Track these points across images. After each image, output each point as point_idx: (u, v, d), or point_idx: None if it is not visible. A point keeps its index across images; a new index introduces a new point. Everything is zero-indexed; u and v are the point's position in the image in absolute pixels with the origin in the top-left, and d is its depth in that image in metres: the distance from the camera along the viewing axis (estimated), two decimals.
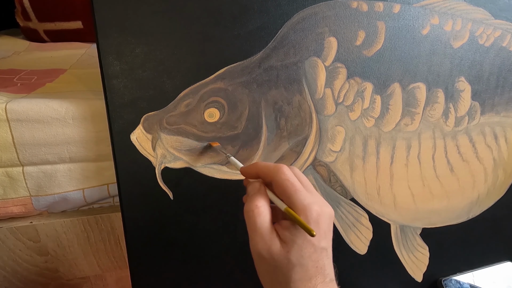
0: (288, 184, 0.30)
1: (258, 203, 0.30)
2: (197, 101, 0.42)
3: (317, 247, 0.29)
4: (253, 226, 0.30)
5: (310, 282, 0.29)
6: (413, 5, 0.48)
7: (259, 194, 0.31)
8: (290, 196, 0.29)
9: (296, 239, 0.29)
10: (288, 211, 0.29)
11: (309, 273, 0.29)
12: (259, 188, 0.32)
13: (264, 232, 0.29)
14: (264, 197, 0.31)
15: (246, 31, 0.42)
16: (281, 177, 0.30)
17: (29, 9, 0.80)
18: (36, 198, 0.46)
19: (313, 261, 0.29)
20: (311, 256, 0.29)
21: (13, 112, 0.41)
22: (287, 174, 0.31)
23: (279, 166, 0.31)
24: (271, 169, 0.31)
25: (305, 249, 0.29)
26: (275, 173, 0.31)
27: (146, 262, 0.45)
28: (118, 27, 0.39)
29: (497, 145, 0.56)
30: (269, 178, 0.31)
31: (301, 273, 0.29)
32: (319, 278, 0.30)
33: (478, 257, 0.59)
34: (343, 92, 0.47)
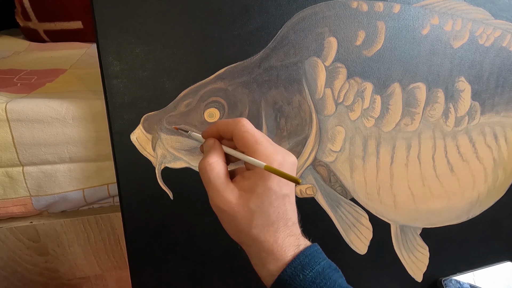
0: (248, 136, 0.30)
1: (210, 159, 0.30)
2: (197, 101, 0.42)
3: (279, 194, 0.30)
4: (208, 181, 0.30)
5: (272, 226, 0.30)
6: (413, 5, 0.48)
7: (212, 150, 0.32)
8: (251, 147, 0.30)
9: (256, 188, 0.29)
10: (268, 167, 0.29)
11: (270, 218, 0.30)
12: (212, 144, 0.32)
13: (219, 185, 0.30)
14: (218, 152, 0.31)
15: (246, 31, 0.42)
16: (240, 129, 0.31)
17: (29, 9, 0.80)
18: (36, 198, 0.46)
19: (275, 207, 0.30)
20: (272, 202, 0.29)
21: (13, 112, 0.41)
22: (246, 126, 0.31)
23: (238, 119, 0.31)
24: (230, 123, 0.32)
25: (266, 197, 0.29)
26: (234, 126, 0.31)
27: (146, 262, 0.45)
28: (118, 27, 0.39)
29: (497, 145, 0.56)
30: (229, 133, 0.32)
31: (262, 219, 0.29)
32: (281, 222, 0.30)
33: (478, 257, 0.59)
34: (343, 92, 0.47)
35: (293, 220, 0.32)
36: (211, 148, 0.32)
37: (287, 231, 0.31)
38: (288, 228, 0.31)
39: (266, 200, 0.29)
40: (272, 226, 0.30)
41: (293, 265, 0.29)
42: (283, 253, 0.30)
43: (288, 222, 0.31)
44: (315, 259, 0.30)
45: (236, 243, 0.47)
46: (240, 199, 0.30)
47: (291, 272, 0.29)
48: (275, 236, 0.30)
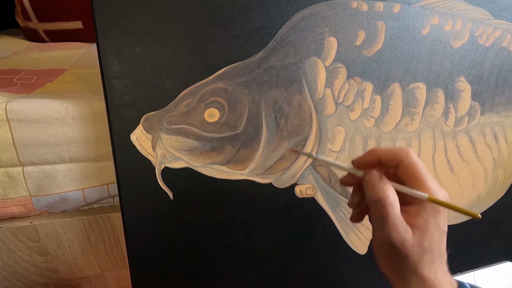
0: (419, 167, 0.29)
1: (389, 192, 0.29)
2: (197, 101, 0.42)
3: (442, 231, 0.30)
4: (385, 216, 0.29)
5: (434, 263, 0.30)
6: (413, 5, 0.48)
7: (384, 183, 0.30)
8: (422, 180, 0.29)
9: (429, 226, 0.29)
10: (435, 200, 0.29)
11: (434, 255, 0.30)
12: (380, 176, 0.31)
13: (398, 222, 0.29)
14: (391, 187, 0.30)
15: (246, 31, 0.42)
16: (412, 160, 0.30)
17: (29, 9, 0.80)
18: (36, 198, 0.46)
19: (438, 245, 0.30)
20: (439, 240, 0.30)
21: (13, 112, 0.41)
22: (416, 157, 0.30)
23: (405, 148, 0.31)
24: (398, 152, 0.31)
25: (435, 235, 0.30)
26: (404, 155, 0.30)
27: (146, 262, 0.45)
28: (118, 27, 0.39)
29: (497, 145, 0.56)
30: (396, 161, 0.30)
31: (429, 257, 0.30)
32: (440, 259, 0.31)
33: (478, 257, 0.59)
34: (343, 92, 0.47)
35: (445, 257, 0.32)
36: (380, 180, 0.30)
37: (443, 267, 0.31)
38: (443, 265, 0.31)
39: (435, 239, 0.30)
40: (434, 263, 0.30)
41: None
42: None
43: (443, 259, 0.31)
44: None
45: (236, 243, 0.47)
46: (414, 237, 0.29)
47: None
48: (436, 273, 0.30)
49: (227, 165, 0.44)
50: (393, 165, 0.31)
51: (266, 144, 0.45)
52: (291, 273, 0.50)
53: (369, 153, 0.32)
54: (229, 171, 0.44)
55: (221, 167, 0.44)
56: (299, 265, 0.50)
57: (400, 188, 0.30)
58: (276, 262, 0.49)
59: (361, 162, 0.32)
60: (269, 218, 0.47)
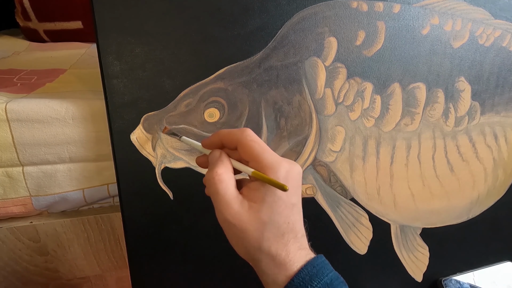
0: (255, 145, 0.30)
1: (218, 170, 0.30)
2: (197, 101, 0.42)
3: (288, 203, 0.29)
4: (215, 193, 0.29)
5: (282, 238, 0.29)
6: (413, 5, 0.48)
7: (219, 161, 0.31)
8: (257, 156, 0.29)
9: (266, 197, 0.28)
10: (256, 173, 0.29)
11: (281, 229, 0.29)
12: (219, 156, 0.31)
13: (229, 198, 0.29)
14: (225, 164, 0.30)
15: (246, 31, 0.42)
16: (246, 138, 0.30)
17: (29, 9, 0.80)
18: (36, 198, 0.46)
19: (284, 217, 0.29)
20: (282, 212, 0.29)
21: (13, 112, 0.41)
22: (252, 135, 0.30)
23: (243, 129, 0.31)
24: (235, 132, 0.31)
25: (276, 206, 0.29)
26: (240, 135, 0.30)
27: (146, 262, 0.45)
28: (118, 27, 0.39)
29: (497, 145, 0.56)
30: (234, 142, 0.31)
31: (273, 230, 0.28)
32: (292, 233, 0.29)
33: (478, 257, 0.59)
34: (343, 92, 0.47)
35: (302, 232, 0.31)
36: (217, 159, 0.31)
37: (297, 244, 0.30)
38: (298, 240, 0.30)
39: (276, 210, 0.29)
40: (283, 238, 0.29)
41: (301, 276, 0.28)
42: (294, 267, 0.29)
43: (297, 234, 0.30)
44: (323, 270, 0.29)
45: None
46: (250, 210, 0.29)
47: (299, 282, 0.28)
48: (286, 249, 0.29)
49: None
50: (233, 146, 0.31)
51: None
52: None
53: (214, 135, 0.33)
54: None
55: None
56: None
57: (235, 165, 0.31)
58: None
59: (208, 143, 0.33)
60: None
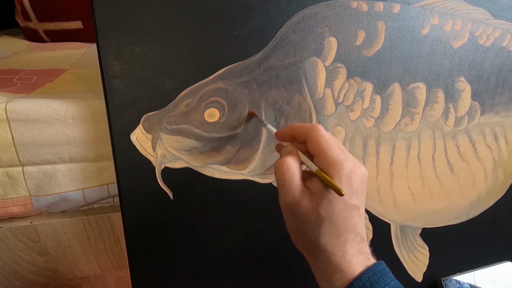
0: (322, 140, 0.30)
1: (289, 159, 0.30)
2: (197, 101, 0.42)
3: (348, 203, 0.29)
4: (282, 180, 0.29)
5: (340, 238, 0.28)
6: (413, 5, 0.48)
7: (290, 153, 0.31)
8: (323, 151, 0.29)
9: (327, 194, 0.28)
10: (318, 171, 0.29)
11: (339, 228, 0.28)
12: (291, 150, 0.32)
13: (293, 186, 0.29)
14: (295, 156, 0.31)
15: (246, 31, 0.42)
16: (316, 133, 0.30)
17: (29, 9, 0.80)
18: (36, 198, 0.46)
19: (343, 217, 0.28)
20: (341, 211, 0.28)
21: (13, 112, 0.41)
22: (321, 131, 0.31)
23: (315, 124, 0.32)
24: (307, 126, 0.32)
25: (335, 204, 0.28)
26: (310, 129, 0.31)
27: (146, 262, 0.45)
28: (118, 27, 0.39)
29: (497, 145, 0.56)
30: (304, 135, 0.31)
31: (331, 227, 0.28)
32: (350, 235, 0.29)
33: (478, 257, 0.59)
34: (343, 92, 0.47)
35: (362, 236, 0.30)
36: (289, 152, 0.32)
37: (356, 247, 0.29)
38: (357, 243, 0.29)
39: (335, 208, 0.28)
40: (341, 238, 0.28)
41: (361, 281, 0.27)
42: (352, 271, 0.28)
43: (357, 237, 0.29)
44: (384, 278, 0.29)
45: (236, 243, 0.47)
46: (310, 202, 0.28)
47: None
48: (344, 250, 0.28)
49: (227, 165, 0.44)
50: (303, 140, 0.32)
51: (266, 144, 0.45)
52: (291, 273, 0.50)
53: (287, 127, 0.34)
54: (229, 171, 0.44)
55: (221, 167, 0.44)
56: (299, 265, 0.50)
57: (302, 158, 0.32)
58: (276, 262, 0.49)
59: (281, 134, 0.34)
60: (269, 218, 0.47)
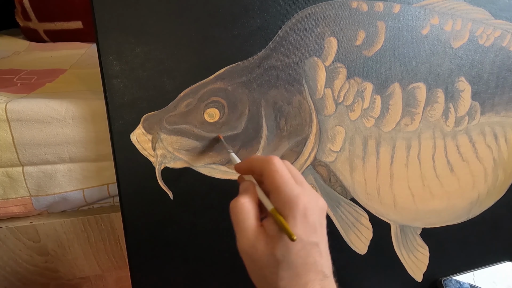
0: (276, 175, 0.29)
1: (243, 199, 0.29)
2: (197, 101, 0.42)
3: (306, 242, 0.27)
4: (236, 222, 0.29)
5: (300, 280, 0.27)
6: (413, 5, 0.48)
7: (246, 191, 0.30)
8: (277, 188, 0.28)
9: (283, 235, 0.27)
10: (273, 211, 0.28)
11: (297, 270, 0.27)
12: (247, 186, 0.31)
13: (248, 228, 0.28)
14: (251, 194, 0.30)
15: (246, 31, 0.42)
16: (270, 168, 0.29)
17: (29, 9, 0.80)
18: (36, 198, 0.46)
19: (302, 258, 0.27)
20: (299, 252, 0.27)
21: (13, 112, 0.41)
22: (276, 165, 0.30)
23: (269, 157, 0.30)
24: (262, 160, 0.31)
25: (292, 245, 0.27)
26: (265, 164, 0.30)
27: (146, 262, 0.45)
28: (118, 27, 0.39)
29: (497, 145, 0.56)
30: (260, 169, 0.31)
31: (289, 270, 0.27)
32: (311, 275, 0.27)
33: (478, 257, 0.59)
34: (343, 92, 0.47)
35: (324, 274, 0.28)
36: (245, 189, 0.31)
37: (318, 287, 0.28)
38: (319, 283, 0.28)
39: (293, 249, 0.27)
40: (300, 279, 0.27)
41: None
42: None
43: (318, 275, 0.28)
44: None
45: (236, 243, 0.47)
46: (266, 245, 0.27)
47: None
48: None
49: (227, 165, 0.44)
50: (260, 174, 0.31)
51: (266, 144, 0.45)
52: None
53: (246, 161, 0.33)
54: (229, 171, 0.44)
55: (221, 167, 0.44)
56: None
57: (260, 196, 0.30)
58: None
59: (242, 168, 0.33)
60: None
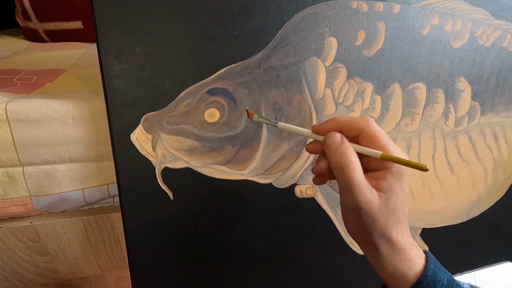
0: (381, 135, 0.30)
1: (351, 158, 0.29)
2: (197, 101, 0.42)
3: (406, 193, 0.31)
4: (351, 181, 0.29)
5: (399, 226, 0.31)
6: (413, 5, 0.48)
7: (347, 148, 0.30)
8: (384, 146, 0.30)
9: (394, 188, 0.30)
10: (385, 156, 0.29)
11: (400, 217, 0.31)
12: (342, 141, 0.31)
13: (363, 186, 0.29)
14: (352, 150, 0.30)
15: (246, 31, 0.42)
16: (372, 128, 0.30)
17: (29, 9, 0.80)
18: (36, 198, 0.46)
19: (404, 206, 0.31)
20: (403, 202, 0.30)
21: (13, 112, 0.41)
22: (377, 126, 0.31)
23: (366, 118, 0.31)
24: (359, 121, 0.31)
25: (400, 196, 0.30)
26: (364, 124, 0.31)
27: (146, 262, 0.45)
28: (118, 27, 0.39)
29: (497, 145, 0.56)
30: (356, 131, 0.31)
31: (396, 218, 0.30)
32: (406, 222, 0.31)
33: (478, 257, 0.59)
34: (343, 92, 0.47)
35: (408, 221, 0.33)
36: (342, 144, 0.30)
37: (407, 231, 0.32)
38: (407, 228, 0.32)
39: (400, 199, 0.30)
40: (400, 226, 0.31)
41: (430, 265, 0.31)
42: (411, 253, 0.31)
43: (407, 222, 0.32)
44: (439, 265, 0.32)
45: (235, 243, 0.47)
46: (380, 198, 0.30)
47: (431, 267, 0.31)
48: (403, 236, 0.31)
49: (227, 165, 0.44)
50: (354, 135, 0.31)
51: (266, 144, 0.45)
52: (291, 273, 0.50)
53: (330, 121, 0.32)
54: (229, 171, 0.44)
55: (221, 167, 0.44)
56: (299, 265, 0.50)
57: (358, 148, 0.31)
58: (276, 262, 0.49)
59: (322, 129, 0.32)
60: (269, 218, 0.47)
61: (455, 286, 0.31)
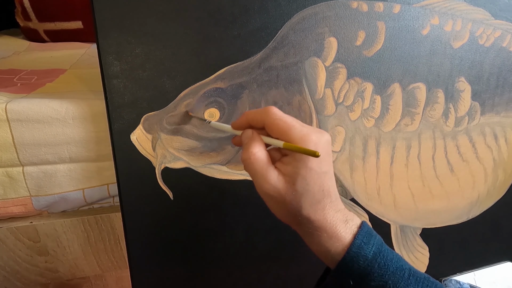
0: (280, 123, 0.31)
1: (253, 149, 0.31)
2: (197, 101, 0.42)
3: (319, 172, 0.31)
4: (254, 171, 0.31)
5: (319, 204, 0.31)
6: (413, 5, 0.48)
7: (252, 140, 0.32)
8: (285, 133, 0.31)
9: (299, 170, 0.30)
10: (286, 145, 0.30)
11: (316, 197, 0.31)
12: (251, 135, 0.33)
13: (265, 173, 0.31)
14: (258, 142, 0.32)
15: (246, 31, 0.42)
16: (271, 117, 0.32)
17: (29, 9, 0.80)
18: (36, 198, 0.46)
19: (318, 186, 0.31)
20: (315, 181, 0.31)
21: (13, 112, 0.41)
22: (277, 113, 0.32)
23: (267, 108, 0.32)
24: (260, 112, 0.33)
25: (309, 177, 0.30)
26: (265, 115, 0.32)
27: (146, 262, 0.45)
28: (118, 27, 0.39)
29: (497, 145, 0.56)
30: (261, 122, 0.32)
31: (310, 198, 0.31)
32: (327, 199, 0.32)
33: (478, 257, 0.59)
34: (343, 92, 0.47)
35: (335, 195, 0.33)
36: (250, 138, 0.33)
37: (333, 207, 0.32)
38: (333, 204, 0.32)
39: (310, 181, 0.30)
40: (320, 204, 0.31)
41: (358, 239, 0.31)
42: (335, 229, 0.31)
43: (332, 198, 0.32)
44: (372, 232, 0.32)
45: (235, 243, 0.47)
46: (286, 184, 0.31)
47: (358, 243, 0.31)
48: (324, 214, 0.31)
49: (227, 165, 0.44)
50: (260, 126, 0.33)
51: None
52: (291, 273, 0.50)
53: (242, 116, 0.34)
54: (229, 171, 0.44)
55: (221, 167, 0.44)
56: (299, 265, 0.50)
57: (266, 140, 0.32)
58: (276, 262, 0.49)
59: (237, 124, 0.35)
60: (269, 218, 0.47)
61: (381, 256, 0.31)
